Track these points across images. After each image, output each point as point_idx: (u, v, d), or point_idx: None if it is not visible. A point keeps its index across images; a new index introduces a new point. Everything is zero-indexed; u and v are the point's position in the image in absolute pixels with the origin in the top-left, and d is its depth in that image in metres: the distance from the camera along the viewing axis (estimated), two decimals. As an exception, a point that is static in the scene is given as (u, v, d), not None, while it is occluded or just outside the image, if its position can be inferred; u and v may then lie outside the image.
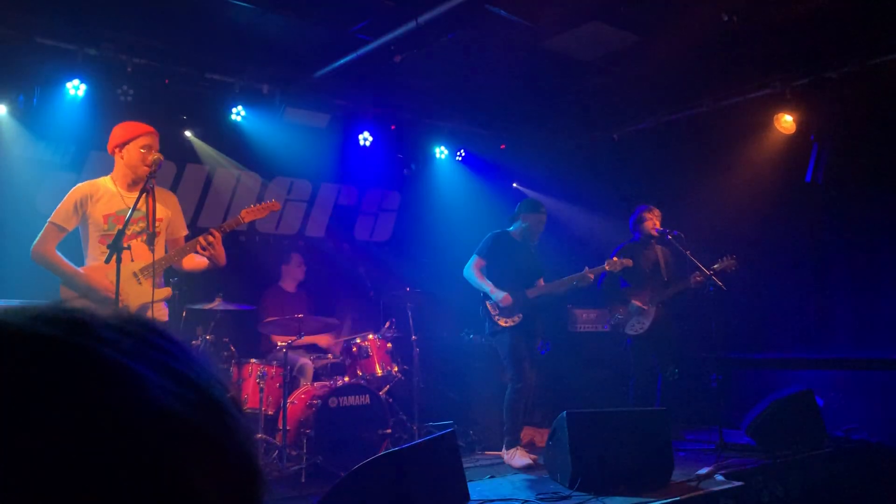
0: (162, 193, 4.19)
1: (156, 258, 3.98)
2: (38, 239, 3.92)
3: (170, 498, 0.41)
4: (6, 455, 0.37)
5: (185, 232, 4.29)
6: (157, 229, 4.04)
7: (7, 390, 0.39)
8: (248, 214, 4.32)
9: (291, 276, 6.73)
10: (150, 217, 4.00)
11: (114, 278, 3.81)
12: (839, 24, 5.88)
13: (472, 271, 5.77)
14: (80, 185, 4.05)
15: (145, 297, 3.94)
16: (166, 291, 4.10)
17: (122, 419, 0.41)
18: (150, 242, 3.99)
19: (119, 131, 4.04)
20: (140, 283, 3.92)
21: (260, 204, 4.40)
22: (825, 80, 6.56)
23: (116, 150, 4.04)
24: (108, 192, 4.00)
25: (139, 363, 0.44)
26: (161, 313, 4.01)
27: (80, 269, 3.90)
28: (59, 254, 3.91)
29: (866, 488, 5.54)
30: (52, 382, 0.41)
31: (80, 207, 3.95)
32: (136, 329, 0.47)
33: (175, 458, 0.43)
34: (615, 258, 5.89)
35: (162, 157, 3.96)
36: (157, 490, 0.41)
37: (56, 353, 0.42)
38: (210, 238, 4.00)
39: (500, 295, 5.60)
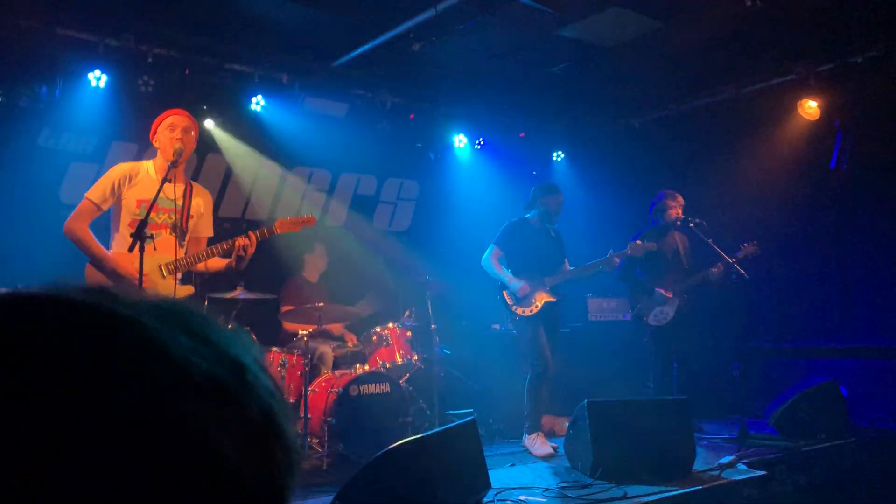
0: (199, 191, 4.17)
1: (183, 254, 3.98)
2: (72, 214, 3.87)
3: (187, 450, 0.43)
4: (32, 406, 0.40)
5: (210, 233, 4.24)
6: (187, 226, 4.02)
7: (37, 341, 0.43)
8: (282, 226, 4.23)
9: (314, 266, 6.74)
10: (185, 212, 3.99)
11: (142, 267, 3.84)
12: (863, 9, 5.78)
13: (490, 261, 5.75)
14: (121, 164, 3.98)
15: (166, 291, 3.94)
16: (189, 289, 4.08)
17: (138, 370, 0.44)
18: (181, 237, 3.98)
19: (154, 122, 4.04)
20: (164, 277, 3.91)
21: (297, 217, 4.32)
22: (850, 66, 6.45)
23: (153, 141, 4.03)
24: (147, 176, 3.95)
25: (155, 322, 0.47)
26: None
27: (109, 253, 3.87)
28: (91, 233, 3.87)
29: (891, 477, 5.48)
30: (72, 334, 0.43)
31: (118, 188, 3.88)
32: (155, 299, 0.51)
33: (192, 409, 0.44)
34: (638, 241, 5.85)
35: (181, 145, 3.90)
36: (175, 440, 0.43)
37: (77, 311, 0.46)
38: (246, 241, 3.96)
39: (516, 285, 5.58)
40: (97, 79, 5.92)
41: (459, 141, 8.22)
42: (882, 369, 6.37)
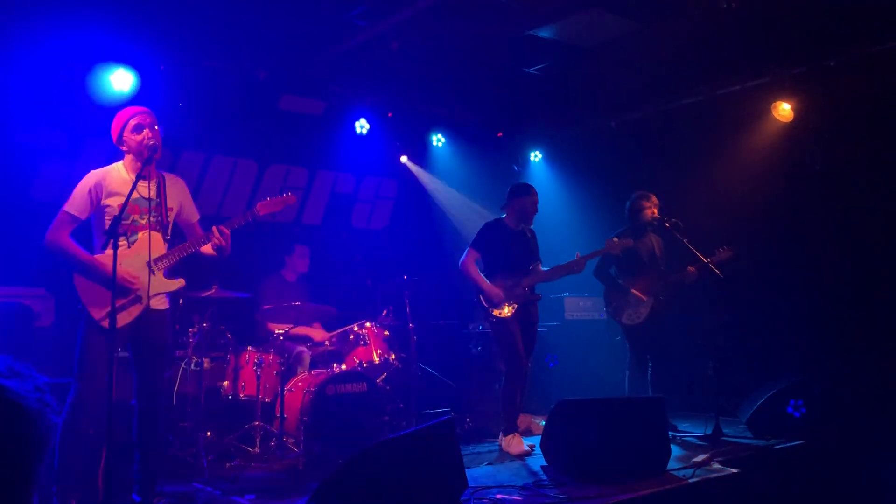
0: (171, 180, 4.14)
1: (167, 248, 3.97)
2: (51, 227, 3.83)
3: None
4: None
5: (197, 216, 4.25)
6: (168, 218, 4.01)
7: None
8: (263, 208, 4.24)
9: (294, 268, 6.68)
10: (163, 206, 3.97)
11: (130, 268, 3.80)
12: (837, 13, 5.86)
13: (467, 265, 5.75)
14: (93, 172, 3.95)
15: (158, 286, 3.91)
16: (180, 283, 4.06)
17: None
18: (164, 232, 3.97)
19: (113, 125, 3.99)
20: (154, 274, 3.89)
21: (276, 197, 4.32)
22: (823, 69, 6.54)
23: (119, 145, 4.00)
24: (121, 180, 3.92)
25: None
26: (161, 302, 3.99)
27: (96, 258, 3.83)
28: (74, 242, 3.85)
29: (861, 475, 5.56)
30: None
31: (95, 197, 3.86)
32: None
33: None
34: (615, 238, 5.88)
35: (154, 142, 3.89)
36: None
37: None
38: (219, 236, 3.99)
39: (491, 292, 5.58)
40: (72, 73, 5.82)
41: (438, 140, 8.22)
42: (854, 368, 6.46)
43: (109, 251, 3.50)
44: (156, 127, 3.97)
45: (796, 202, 7.04)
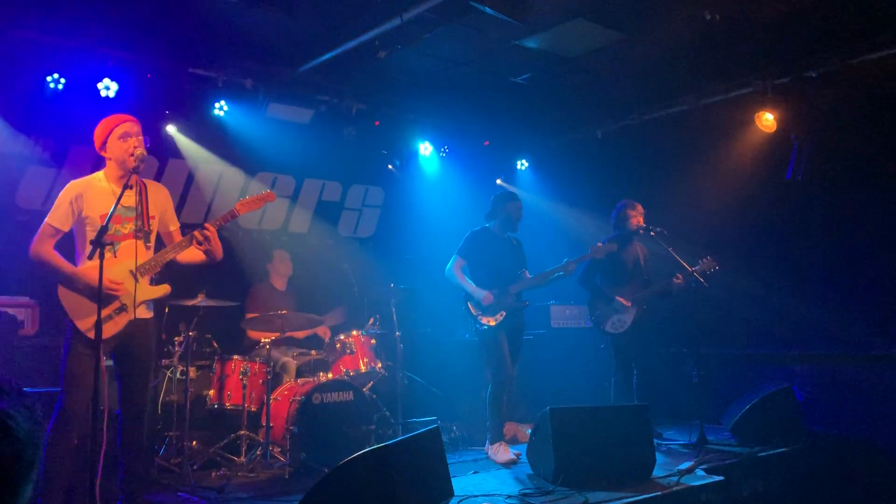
0: (153, 188, 4.12)
1: (151, 255, 3.94)
2: (35, 239, 3.80)
3: None
4: None
5: (177, 225, 4.23)
6: (150, 227, 3.99)
7: None
8: (242, 207, 4.24)
9: (279, 274, 6.67)
10: (145, 213, 3.95)
11: (113, 276, 3.76)
12: (820, 24, 5.94)
13: (454, 272, 5.76)
14: (73, 183, 3.91)
15: (144, 294, 3.90)
16: (165, 289, 4.04)
17: None
18: (146, 239, 3.95)
19: (97, 132, 3.96)
20: (138, 281, 3.87)
21: (255, 195, 4.32)
22: (806, 79, 6.62)
23: (102, 152, 3.97)
24: (102, 190, 3.89)
25: None
26: (143, 311, 3.97)
27: (78, 269, 3.81)
28: (57, 254, 3.82)
29: (844, 481, 5.62)
30: None
31: (77, 208, 3.83)
32: None
33: None
34: (600, 244, 5.90)
35: (142, 151, 3.87)
36: None
37: None
38: (206, 233, 3.96)
39: (480, 294, 5.59)
40: (55, 81, 5.81)
41: (425, 148, 8.24)
42: (834, 375, 6.53)
43: (93, 261, 3.45)
44: (142, 136, 3.95)
45: (779, 210, 7.11)
